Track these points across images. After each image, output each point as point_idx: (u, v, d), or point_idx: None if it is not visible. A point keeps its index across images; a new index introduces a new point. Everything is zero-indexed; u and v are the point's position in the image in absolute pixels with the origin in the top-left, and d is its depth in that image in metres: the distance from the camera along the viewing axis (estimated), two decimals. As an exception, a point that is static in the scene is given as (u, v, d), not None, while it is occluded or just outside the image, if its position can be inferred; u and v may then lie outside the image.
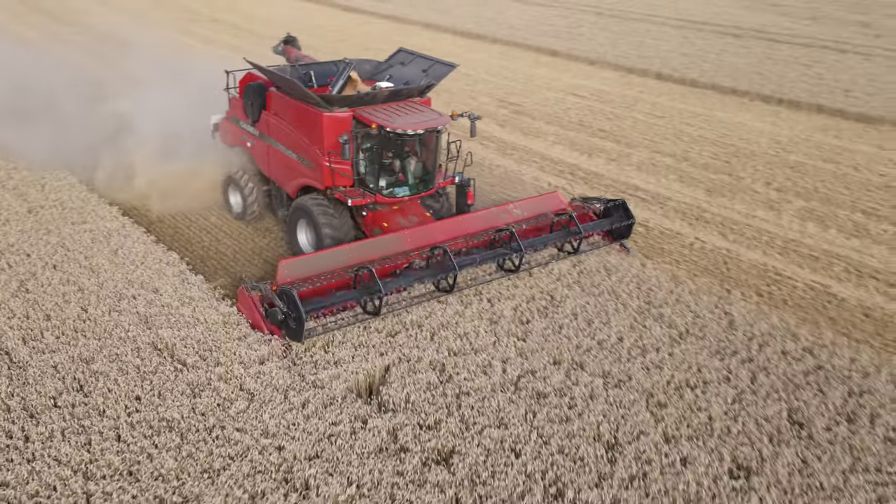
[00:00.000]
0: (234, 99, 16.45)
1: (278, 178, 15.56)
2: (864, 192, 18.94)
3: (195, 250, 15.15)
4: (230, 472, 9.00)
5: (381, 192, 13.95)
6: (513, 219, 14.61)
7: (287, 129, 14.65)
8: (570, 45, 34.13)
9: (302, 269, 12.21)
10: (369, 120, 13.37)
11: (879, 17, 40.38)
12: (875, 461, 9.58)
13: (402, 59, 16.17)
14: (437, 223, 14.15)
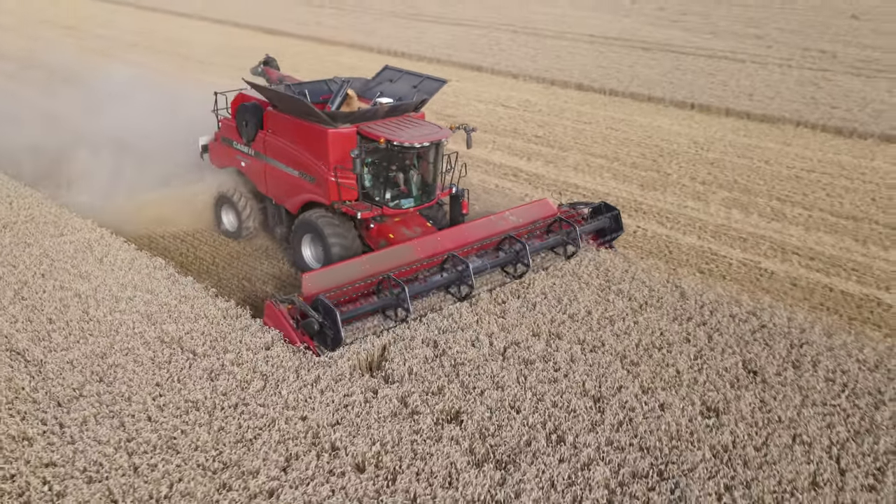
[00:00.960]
0: (225, 120, 16.69)
1: (277, 196, 15.84)
2: (777, 182, 21.00)
3: (174, 256, 15.71)
4: (262, 440, 9.79)
5: (387, 205, 14.36)
6: (510, 225, 15.12)
7: (287, 147, 14.97)
8: (493, 61, 35.80)
9: (325, 281, 12.49)
10: (376, 135, 13.76)
11: (770, 30, 43.75)
12: (821, 397, 11.10)
13: (390, 77, 16.69)
14: (443, 232, 14.59)
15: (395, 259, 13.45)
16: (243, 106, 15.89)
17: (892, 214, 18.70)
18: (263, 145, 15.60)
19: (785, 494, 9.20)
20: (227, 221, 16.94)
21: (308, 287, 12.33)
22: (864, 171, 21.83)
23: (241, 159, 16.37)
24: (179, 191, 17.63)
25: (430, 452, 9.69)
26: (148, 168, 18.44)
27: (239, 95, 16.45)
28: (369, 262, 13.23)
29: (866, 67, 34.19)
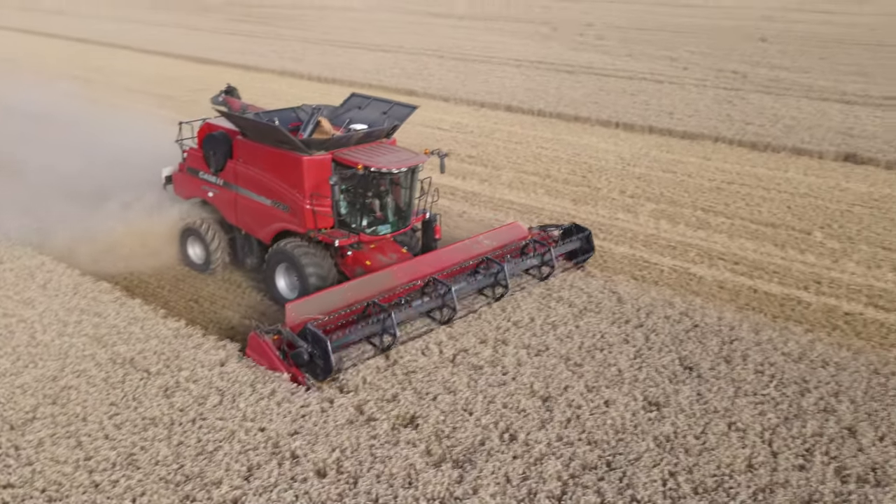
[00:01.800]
0: (191, 150, 16.36)
1: (248, 226, 15.51)
2: (700, 194, 22.07)
3: (119, 280, 15.65)
4: (224, 452, 9.95)
5: (364, 231, 14.21)
6: (485, 249, 15.21)
7: (259, 175, 14.71)
8: (423, 85, 36.46)
9: (309, 310, 12.33)
10: (353, 161, 13.63)
11: (683, 52, 45.74)
12: (752, 388, 11.83)
13: (358, 104, 16.49)
14: (420, 258, 14.65)
15: (375, 286, 13.40)
16: (211, 135, 15.59)
17: (806, 221, 19.89)
18: (233, 175, 15.26)
19: (724, 477, 9.81)
20: (193, 254, 16.43)
21: (292, 316, 12.15)
22: (779, 182, 23.10)
23: (209, 189, 15.94)
24: (138, 224, 16.91)
25: (389, 455, 10.01)
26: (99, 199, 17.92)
27: (205, 125, 16.10)
28: (351, 290, 13.14)
29: (775, 86, 36.10)
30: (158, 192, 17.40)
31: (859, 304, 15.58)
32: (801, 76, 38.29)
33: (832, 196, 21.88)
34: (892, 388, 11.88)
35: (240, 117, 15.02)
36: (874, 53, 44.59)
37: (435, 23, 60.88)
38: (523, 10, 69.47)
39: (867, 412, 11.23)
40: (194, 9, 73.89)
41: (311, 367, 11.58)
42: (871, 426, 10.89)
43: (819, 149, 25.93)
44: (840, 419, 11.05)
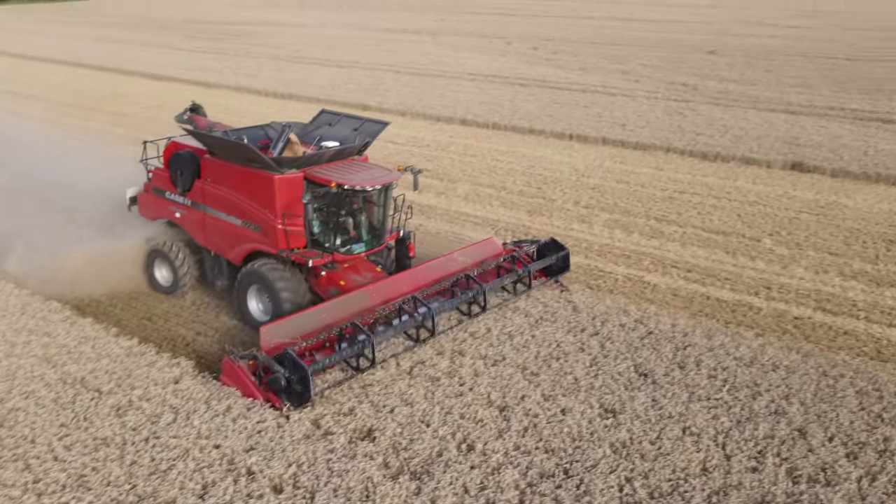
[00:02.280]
0: (157, 170, 16.04)
1: (218, 247, 15.23)
2: (653, 203, 22.40)
3: (69, 300, 15.34)
4: (178, 470, 9.80)
5: (338, 251, 13.97)
6: (460, 266, 15.06)
7: (228, 195, 14.44)
8: (379, 100, 36.50)
9: (284, 333, 12.07)
10: (325, 179, 13.40)
11: (635, 66, 46.44)
12: (705, 392, 12.01)
13: (328, 120, 16.21)
14: (395, 277, 14.48)
15: (351, 306, 13.15)
16: (177, 154, 15.29)
17: (756, 228, 20.30)
18: (202, 194, 14.96)
19: (679, 481, 9.93)
20: (160, 276, 16.10)
21: (266, 340, 11.88)
22: (729, 191, 23.56)
23: (176, 210, 15.62)
24: (101, 247, 16.34)
25: (346, 469, 9.96)
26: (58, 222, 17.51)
27: (171, 143, 15.82)
28: (326, 311, 12.90)
29: (724, 98, 36.85)
30: (118, 212, 17.03)
31: (808, 308, 15.93)
32: (748, 88, 39.13)
33: (780, 204, 22.37)
34: (840, 389, 12.15)
35: (208, 136, 14.68)
36: (818, 65, 45.78)
37: (390, 38, 61.04)
38: (479, 25, 69.99)
39: (817, 413, 11.46)
40: (149, 27, 73.10)
41: (289, 392, 11.28)
42: (820, 427, 11.12)
43: (767, 158, 26.52)
44: (791, 421, 11.26)
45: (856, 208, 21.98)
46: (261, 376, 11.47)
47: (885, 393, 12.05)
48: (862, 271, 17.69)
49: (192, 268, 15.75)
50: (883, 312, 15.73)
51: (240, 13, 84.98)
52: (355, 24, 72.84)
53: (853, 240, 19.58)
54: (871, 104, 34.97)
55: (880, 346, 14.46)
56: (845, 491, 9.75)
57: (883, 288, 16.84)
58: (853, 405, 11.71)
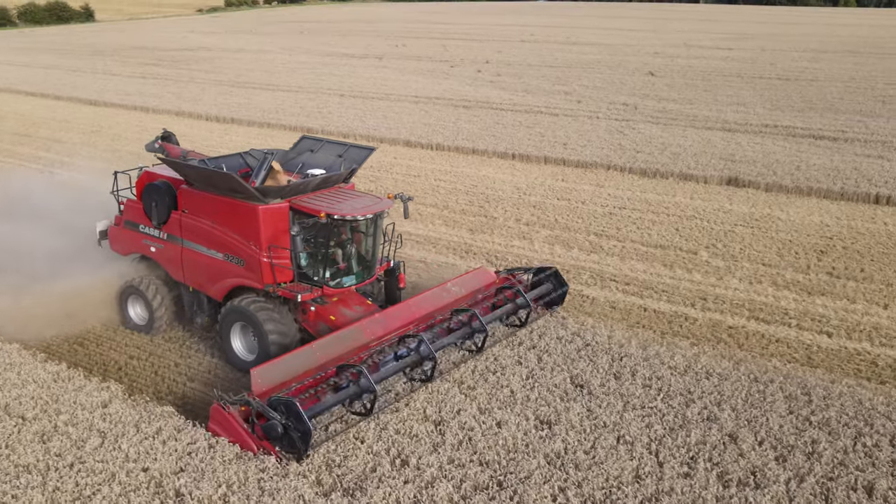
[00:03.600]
0: (129, 201, 15.23)
1: (197, 283, 14.35)
2: (593, 219, 22.68)
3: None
4: (102, 495, 9.53)
5: (327, 284, 13.23)
6: (454, 297, 14.39)
7: (208, 227, 13.62)
8: (322, 123, 36.41)
9: (277, 375, 11.38)
10: (314, 209, 12.71)
11: (577, 87, 47.22)
12: (640, 401, 12.11)
13: (310, 147, 15.55)
14: (389, 310, 13.71)
15: (345, 344, 12.42)
16: (152, 185, 14.49)
17: (693, 241, 20.68)
18: (179, 227, 14.12)
19: (612, 489, 9.97)
20: (134, 314, 15.23)
21: (258, 384, 11.10)
22: (668, 206, 23.98)
23: (151, 244, 14.77)
24: (67, 284, 15.30)
25: (278, 488, 9.78)
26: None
27: (145, 174, 15.01)
28: (319, 350, 12.13)
29: (663, 116, 37.63)
30: (83, 247, 16.29)
31: (742, 318, 16.23)
32: (686, 107, 40.04)
33: (716, 217, 22.84)
34: (770, 394, 12.37)
35: (186, 165, 13.83)
36: (752, 85, 47.07)
37: (335, 63, 61.09)
38: (423, 49, 70.49)
39: (747, 419, 11.64)
40: (82, 52, 71.98)
41: (286, 440, 10.46)
42: (750, 432, 11.29)
43: (704, 174, 27.10)
44: (722, 427, 11.41)
45: (788, 221, 22.55)
46: (253, 423, 10.62)
47: (813, 397, 12.29)
48: (794, 281, 18.12)
49: (168, 305, 14.90)
50: (813, 320, 16.11)
51: (181, 39, 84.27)
52: (299, 48, 72.74)
53: (786, 251, 20.06)
54: (804, 121, 36.03)
55: (810, 352, 14.79)
56: (774, 493, 9.88)
57: (814, 296, 17.25)
58: (782, 410, 11.92)
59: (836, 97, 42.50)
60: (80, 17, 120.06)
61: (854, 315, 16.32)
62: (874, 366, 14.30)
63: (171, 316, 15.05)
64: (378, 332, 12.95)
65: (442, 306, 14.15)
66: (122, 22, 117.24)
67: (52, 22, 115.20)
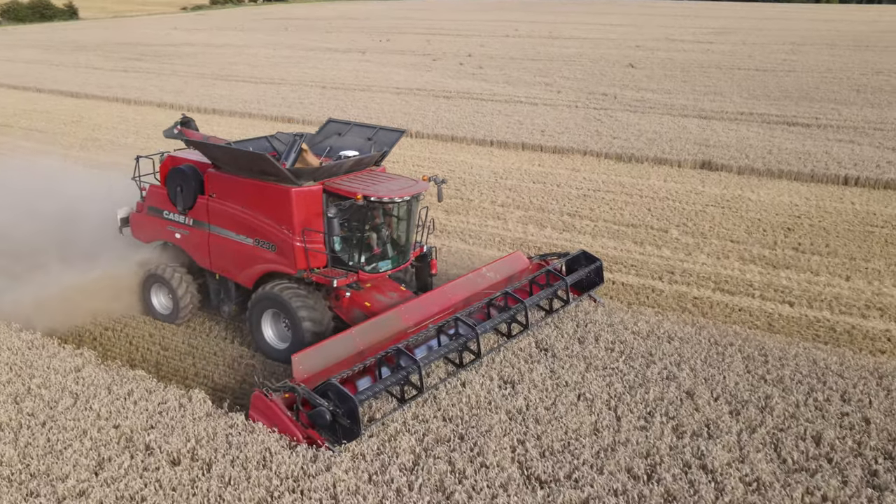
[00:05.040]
0: (153, 187, 14.88)
1: (225, 270, 13.99)
2: (567, 200, 23.04)
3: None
4: (73, 449, 9.79)
5: (363, 269, 12.93)
6: (489, 282, 14.14)
7: (238, 212, 13.29)
8: (304, 113, 36.65)
9: (318, 362, 11.09)
10: (349, 191, 12.37)
11: (557, 78, 47.57)
12: (602, 363, 12.44)
13: (337, 130, 15.16)
14: (426, 295, 13.39)
15: (384, 329, 12.09)
16: (177, 170, 14.14)
17: (664, 220, 21.08)
18: (206, 212, 13.78)
19: (570, 441, 10.30)
20: (158, 303, 14.96)
21: (299, 371, 10.80)
22: (641, 188, 24.38)
23: (175, 231, 14.43)
24: (88, 275, 14.95)
25: (245, 442, 10.06)
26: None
27: (168, 158, 14.70)
28: (359, 336, 11.83)
29: (641, 105, 38.06)
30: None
31: (707, 289, 16.63)
32: (664, 96, 40.48)
33: (688, 199, 23.25)
34: (728, 356, 12.73)
35: (217, 147, 13.41)
36: (730, 76, 47.56)
37: (317, 57, 61.21)
38: (407, 44, 70.71)
39: (705, 377, 11.99)
40: (66, 49, 71.84)
41: (333, 427, 10.19)
42: (707, 389, 11.64)
43: (678, 158, 27.52)
44: (680, 385, 11.76)
45: (758, 201, 22.98)
46: (298, 410, 10.38)
47: (770, 357, 12.67)
48: (760, 256, 18.53)
49: (193, 293, 14.62)
50: (777, 291, 16.52)
51: (165, 36, 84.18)
52: (283, 44, 72.84)
53: (754, 229, 20.49)
54: (779, 109, 36.53)
55: (772, 320, 15.20)
56: (725, 443, 10.23)
57: (779, 270, 17.67)
58: (740, 369, 12.29)
59: (812, 87, 43.04)
60: (64, 15, 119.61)
61: (816, 286, 16.76)
62: (832, 331, 14.74)
63: (195, 305, 14.76)
64: (416, 318, 12.58)
65: (478, 292, 13.76)
66: (105, 20, 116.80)
67: (35, 20, 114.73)
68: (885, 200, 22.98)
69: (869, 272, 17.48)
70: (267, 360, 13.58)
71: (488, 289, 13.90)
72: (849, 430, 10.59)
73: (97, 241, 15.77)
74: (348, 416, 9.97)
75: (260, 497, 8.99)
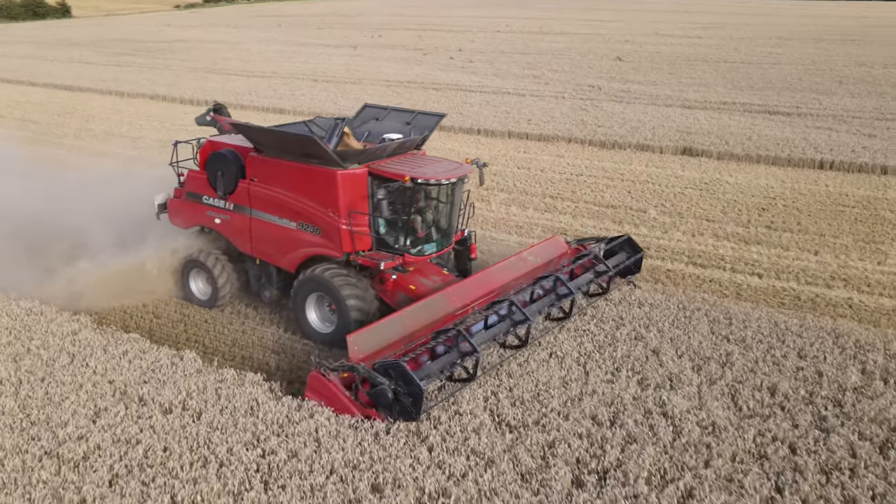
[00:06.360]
0: (191, 172, 14.83)
1: (266, 254, 14.00)
2: (550, 184, 23.71)
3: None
4: (71, 400, 10.41)
5: (408, 252, 12.95)
6: (531, 266, 14.21)
7: (281, 196, 13.29)
8: (294, 104, 37.24)
9: (373, 342, 11.14)
10: (396, 174, 12.41)
11: (545, 71, 48.23)
12: (574, 325, 13.08)
13: (375, 115, 15.29)
14: (471, 279, 13.48)
15: (433, 312, 12.14)
16: (217, 154, 14.11)
17: (643, 202, 21.76)
18: (247, 197, 13.77)
19: (540, 392, 10.95)
20: (196, 289, 14.95)
21: (355, 351, 10.84)
22: (623, 173, 25.05)
23: (215, 216, 14.38)
24: (127, 260, 15.08)
25: (235, 393, 10.70)
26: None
27: (208, 143, 14.65)
28: (409, 318, 11.86)
29: (626, 96, 38.73)
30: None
31: (681, 263, 17.30)
32: (649, 87, 41.18)
33: (668, 182, 23.93)
34: (695, 319, 13.38)
35: (261, 130, 13.51)
36: (716, 68, 48.29)
37: (309, 52, 61.73)
38: (398, 39, 71.25)
39: (671, 338, 12.65)
40: (60, 45, 72.22)
41: (395, 405, 10.21)
42: (672, 347, 12.30)
43: (660, 145, 28.21)
44: (647, 344, 12.41)
45: (736, 184, 23.67)
46: (356, 389, 10.46)
47: (734, 321, 13.34)
48: (734, 233, 19.22)
49: (232, 278, 14.65)
50: (747, 264, 17.21)
51: (158, 33, 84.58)
52: (276, 40, 73.34)
53: (730, 209, 21.18)
54: (761, 99, 37.26)
55: (740, 289, 15.90)
56: (686, 393, 10.90)
57: (750, 245, 18.37)
58: (705, 331, 12.96)
59: (796, 78, 43.77)
60: (57, 13, 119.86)
61: (785, 260, 17.45)
62: (797, 300, 15.43)
63: (235, 290, 14.79)
64: (464, 301, 12.63)
65: (521, 275, 13.85)
66: (98, 18, 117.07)
67: (28, 18, 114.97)
68: (857, 183, 23.70)
69: (837, 247, 18.18)
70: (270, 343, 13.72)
71: (530, 273, 14.02)
72: (802, 382, 11.27)
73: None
74: (411, 396, 10.03)
75: (247, 440, 9.61)
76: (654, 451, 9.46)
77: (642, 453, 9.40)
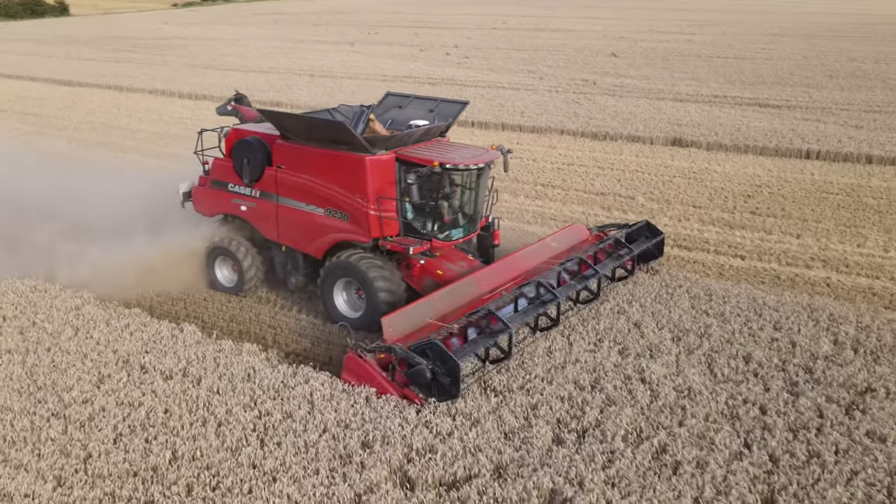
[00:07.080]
0: (217, 160, 14.89)
1: (293, 241, 14.04)
2: (542, 173, 24.21)
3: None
4: (76, 368, 10.93)
5: (436, 237, 13.07)
6: (554, 252, 14.42)
7: (308, 182, 13.34)
8: (291, 98, 37.73)
9: (407, 324, 11.32)
10: (424, 159, 12.54)
11: (541, 66, 48.75)
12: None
13: (398, 103, 15.37)
14: (498, 263, 13.79)
15: (463, 295, 12.40)
16: (243, 142, 14.18)
17: (632, 189, 22.27)
18: (274, 184, 13.82)
19: (525, 361, 11.48)
20: (222, 276, 15.03)
21: (389, 333, 11.04)
22: (613, 163, 25.54)
23: (241, 203, 14.42)
24: (155, 247, 15.09)
25: (232, 362, 11.22)
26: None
27: (233, 131, 14.71)
28: (440, 301, 12.08)
29: (620, 90, 39.23)
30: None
31: (666, 246, 17.66)
32: (642, 82, 41.67)
33: (657, 171, 24.43)
34: (677, 295, 13.91)
35: (291, 116, 13.58)
36: (709, 64, 48.79)
37: (306, 49, 62.16)
38: (395, 36, 71.70)
39: (653, 312, 13.17)
40: (59, 42, 72.63)
41: (434, 384, 10.36)
42: (653, 320, 12.82)
43: (651, 136, 28.71)
44: (629, 318, 12.93)
45: (723, 173, 24.18)
46: (393, 369, 10.60)
47: (714, 297, 13.87)
48: (719, 218, 19.73)
49: (258, 265, 14.73)
50: (730, 247, 17.72)
51: (156, 31, 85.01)
52: (273, 36, 73.79)
53: (716, 196, 21.69)
54: (752, 93, 37.74)
55: (722, 270, 16.40)
56: (664, 361, 11.43)
57: (735, 230, 18.87)
58: (685, 305, 13.48)
59: (787, 73, 44.25)
60: (55, 12, 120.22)
61: (768, 243, 17.95)
62: (777, 279, 15.93)
63: (260, 276, 14.87)
64: (492, 285, 12.87)
65: (545, 261, 14.08)
66: (96, 16, 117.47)
67: (26, 16, 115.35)
68: (842, 171, 24.21)
69: (818, 231, 18.69)
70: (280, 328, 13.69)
71: (554, 258, 14.21)
72: (776, 352, 11.80)
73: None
74: (449, 375, 10.17)
75: (245, 403, 10.12)
76: (632, 413, 9.98)
77: (620, 414, 9.92)
